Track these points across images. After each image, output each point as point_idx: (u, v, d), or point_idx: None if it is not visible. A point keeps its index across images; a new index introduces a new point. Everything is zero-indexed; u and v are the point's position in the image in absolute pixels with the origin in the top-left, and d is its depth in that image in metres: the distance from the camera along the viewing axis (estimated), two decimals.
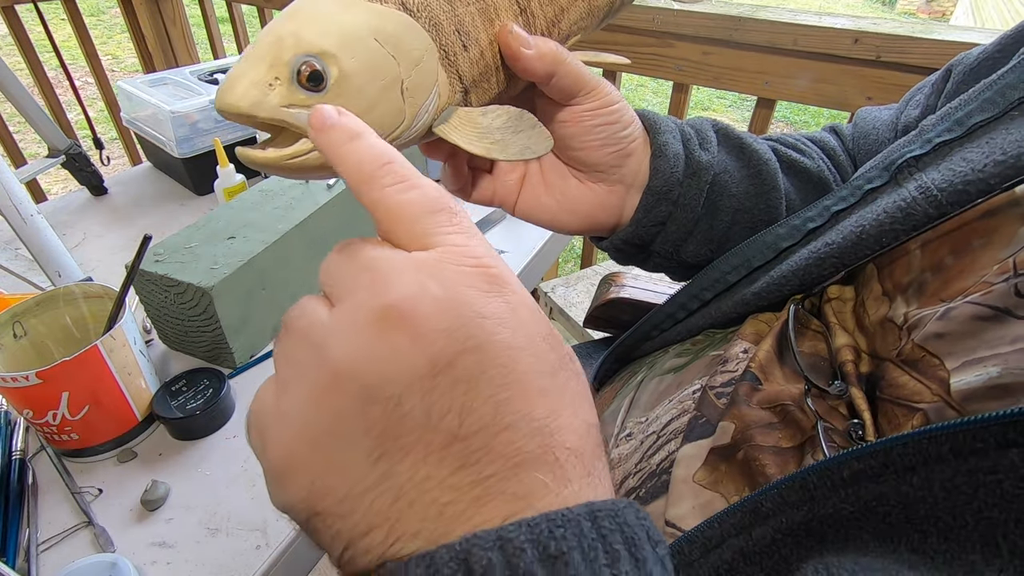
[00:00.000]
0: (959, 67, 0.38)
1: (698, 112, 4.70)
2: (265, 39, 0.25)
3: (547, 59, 0.31)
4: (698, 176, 0.38)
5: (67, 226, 0.86)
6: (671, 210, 0.38)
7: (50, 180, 2.85)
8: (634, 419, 0.36)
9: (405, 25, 0.26)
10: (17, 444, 0.53)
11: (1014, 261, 0.23)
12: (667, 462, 0.30)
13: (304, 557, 0.49)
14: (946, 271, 0.26)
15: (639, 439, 0.34)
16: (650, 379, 0.39)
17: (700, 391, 0.32)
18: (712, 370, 0.33)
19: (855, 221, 0.31)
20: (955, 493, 0.18)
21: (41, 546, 0.46)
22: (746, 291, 0.35)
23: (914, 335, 0.26)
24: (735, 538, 0.23)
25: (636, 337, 0.43)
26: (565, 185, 0.37)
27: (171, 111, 0.84)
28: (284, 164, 0.25)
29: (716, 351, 0.35)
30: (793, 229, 0.34)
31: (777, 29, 0.86)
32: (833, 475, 0.21)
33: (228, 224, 0.64)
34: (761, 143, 0.41)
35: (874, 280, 0.30)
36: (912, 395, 0.25)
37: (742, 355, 0.32)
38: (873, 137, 0.44)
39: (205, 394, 0.54)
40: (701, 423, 0.30)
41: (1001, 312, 0.22)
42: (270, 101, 0.24)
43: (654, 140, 0.37)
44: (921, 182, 0.29)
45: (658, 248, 0.40)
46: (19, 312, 0.52)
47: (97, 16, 5.24)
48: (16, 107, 0.92)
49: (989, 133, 0.28)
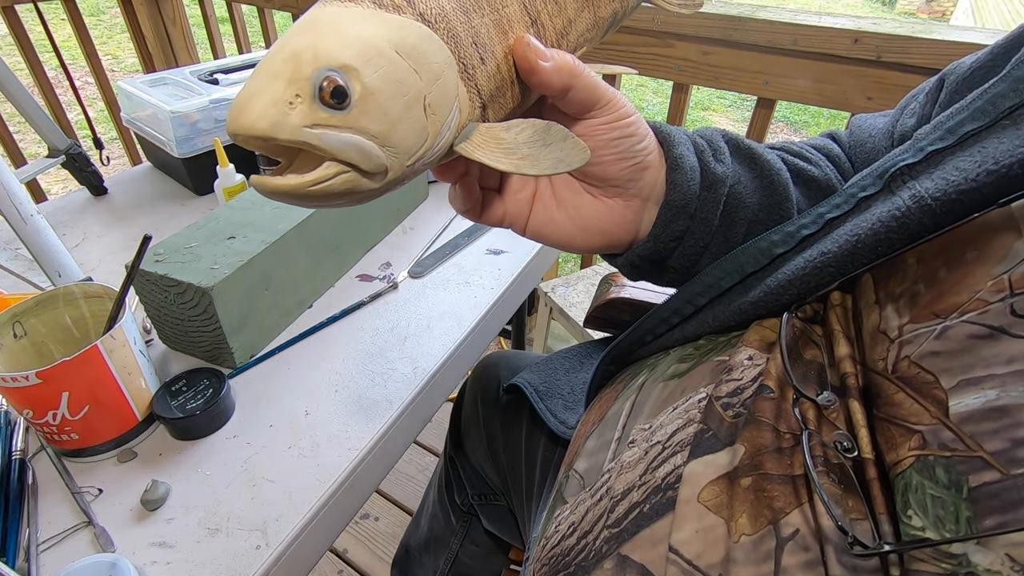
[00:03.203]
0: (952, 76, 0.38)
1: (698, 112, 4.70)
2: (279, 55, 0.22)
3: (564, 72, 0.30)
4: (714, 189, 0.37)
5: (67, 226, 0.86)
6: (689, 224, 0.37)
7: (50, 180, 2.85)
8: (637, 425, 0.35)
9: (425, 37, 0.24)
10: (17, 444, 0.53)
11: (1010, 279, 0.23)
12: (673, 476, 0.30)
13: (304, 557, 0.49)
14: (939, 283, 0.26)
15: (643, 448, 0.33)
16: (652, 383, 0.38)
17: (706, 401, 0.31)
18: (717, 378, 0.32)
19: (850, 230, 0.31)
20: None
21: (41, 546, 0.46)
22: (743, 300, 0.35)
23: (907, 351, 0.26)
24: None
25: (631, 341, 0.43)
26: (579, 202, 0.36)
27: (171, 111, 0.84)
28: (307, 192, 0.23)
29: (720, 356, 0.35)
30: (787, 236, 0.34)
31: (777, 29, 0.86)
32: None
33: (228, 224, 0.64)
34: (771, 153, 0.40)
35: (870, 290, 0.30)
36: (909, 416, 0.25)
37: (747, 362, 0.32)
38: (870, 146, 0.44)
39: (205, 394, 0.54)
40: (708, 437, 0.29)
41: (996, 331, 0.23)
42: (291, 121, 0.22)
43: (669, 153, 0.36)
44: (915, 191, 0.29)
45: (674, 263, 0.39)
46: (19, 312, 0.52)
47: (97, 16, 5.24)
48: (16, 107, 0.92)
49: (980, 142, 0.28)
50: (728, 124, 4.62)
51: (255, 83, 0.22)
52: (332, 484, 0.50)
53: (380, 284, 0.74)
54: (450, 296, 0.72)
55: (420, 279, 0.75)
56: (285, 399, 0.58)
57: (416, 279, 0.75)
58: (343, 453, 0.53)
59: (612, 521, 0.30)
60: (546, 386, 0.59)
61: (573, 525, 0.33)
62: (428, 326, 0.68)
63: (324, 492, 0.49)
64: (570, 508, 0.35)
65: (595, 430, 0.39)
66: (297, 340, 0.65)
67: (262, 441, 0.54)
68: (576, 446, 0.40)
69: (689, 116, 2.91)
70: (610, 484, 0.33)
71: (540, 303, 1.42)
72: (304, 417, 0.56)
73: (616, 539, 0.29)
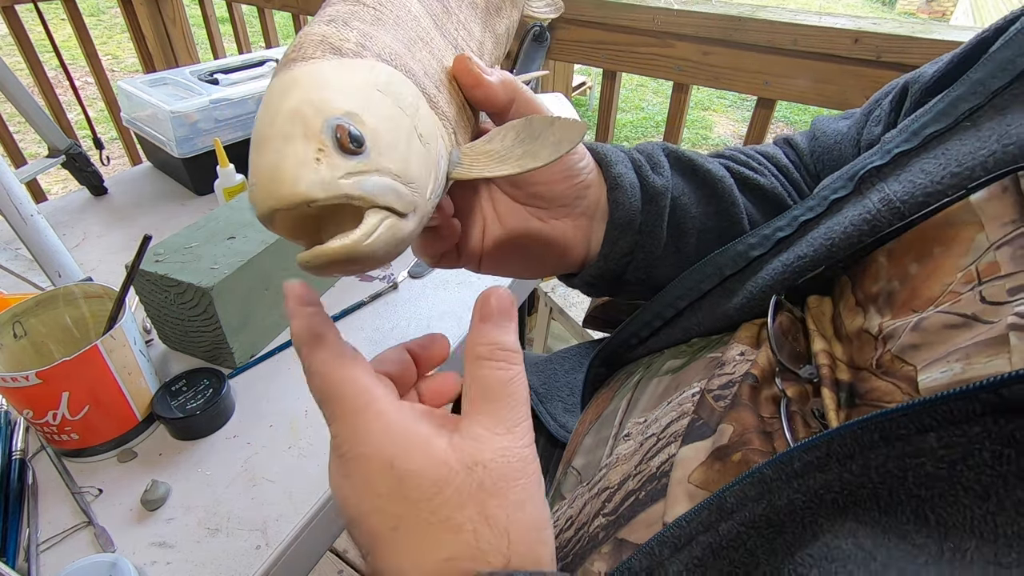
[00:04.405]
0: (916, 85, 0.39)
1: (698, 112, 4.70)
2: (278, 119, 0.22)
3: (508, 84, 0.31)
4: (656, 202, 0.38)
5: (67, 226, 0.86)
6: (637, 239, 0.38)
7: (50, 180, 2.85)
8: (633, 419, 0.36)
9: (393, 75, 0.25)
10: (17, 444, 0.53)
11: (976, 269, 0.25)
12: (667, 465, 0.31)
13: (304, 557, 0.49)
14: (912, 279, 0.28)
15: (638, 440, 0.34)
16: (648, 379, 0.39)
17: (699, 394, 0.32)
18: (710, 373, 0.33)
19: (824, 233, 0.32)
20: (888, 476, 0.20)
21: (41, 546, 0.46)
22: (728, 305, 0.36)
23: (890, 345, 0.27)
24: (703, 535, 0.24)
25: (617, 343, 0.43)
26: (527, 228, 0.36)
27: (171, 111, 0.84)
28: (362, 248, 0.21)
29: (713, 352, 0.36)
30: (763, 238, 0.36)
31: (777, 29, 0.86)
32: (786, 468, 0.23)
33: (228, 224, 0.64)
34: (713, 162, 0.41)
35: (848, 291, 0.31)
36: (884, 395, 0.26)
37: (739, 358, 0.33)
38: (836, 153, 0.45)
39: (205, 394, 0.54)
40: (699, 426, 0.30)
41: (969, 319, 0.24)
42: (325, 176, 0.21)
43: (607, 172, 0.37)
44: (884, 193, 0.30)
45: (630, 277, 0.40)
46: (19, 312, 0.52)
47: (97, 16, 5.25)
48: (16, 107, 0.92)
49: (944, 144, 0.30)
50: (728, 124, 4.62)
51: (270, 154, 0.21)
52: None
53: (380, 284, 0.74)
54: (450, 296, 0.72)
55: (420, 279, 0.75)
56: (285, 399, 0.58)
57: (416, 279, 0.75)
58: None
59: (609, 510, 0.31)
60: (546, 388, 0.59)
61: (571, 519, 0.34)
62: (428, 326, 0.68)
63: (324, 492, 0.49)
64: (567, 503, 0.35)
65: (592, 428, 0.40)
66: None
67: (262, 441, 0.54)
68: (574, 444, 0.41)
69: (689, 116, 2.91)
70: (607, 477, 0.33)
71: (540, 303, 1.43)
72: (304, 417, 0.56)
73: (613, 525, 0.30)
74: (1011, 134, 0.27)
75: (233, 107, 0.91)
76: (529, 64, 1.04)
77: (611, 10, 0.98)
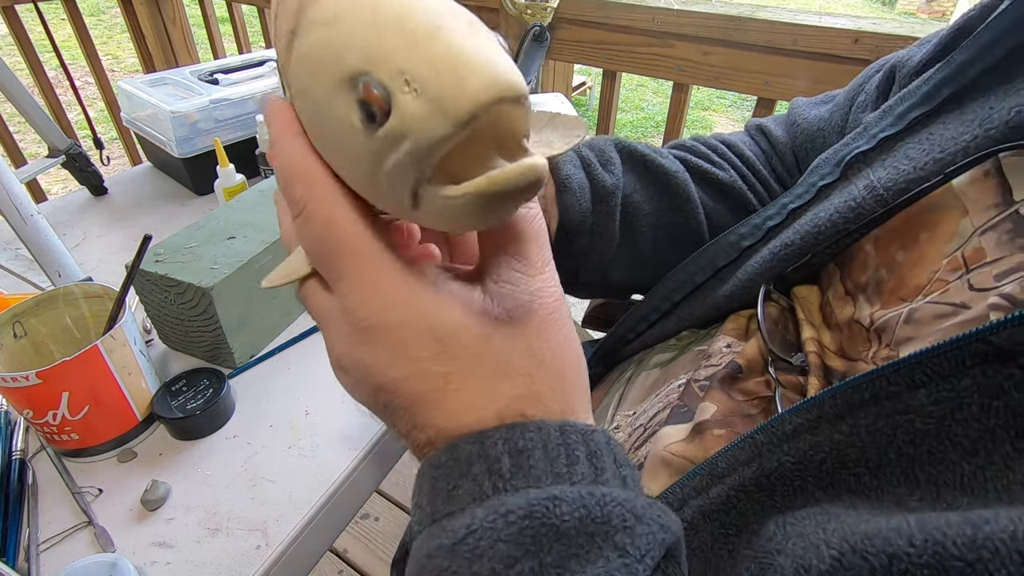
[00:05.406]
0: (903, 70, 0.38)
1: (698, 112, 4.70)
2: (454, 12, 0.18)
3: None
4: (607, 201, 0.37)
5: (67, 226, 0.86)
6: (589, 240, 0.38)
7: (50, 180, 2.85)
8: (622, 412, 0.37)
9: None
10: (17, 444, 0.53)
11: (963, 255, 0.25)
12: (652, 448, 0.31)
13: (304, 557, 0.49)
14: (899, 267, 0.28)
15: (627, 432, 0.34)
16: (638, 374, 0.39)
17: (684, 384, 0.33)
18: (697, 364, 0.34)
19: (811, 220, 0.32)
20: (878, 435, 0.20)
21: (41, 546, 0.46)
22: (717, 294, 0.36)
23: (886, 341, 0.27)
24: (695, 499, 0.25)
25: (614, 340, 0.43)
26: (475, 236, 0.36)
27: (171, 111, 0.84)
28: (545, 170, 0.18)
29: (701, 346, 0.36)
30: (754, 228, 0.36)
31: (777, 29, 0.86)
32: (777, 431, 0.23)
33: (228, 224, 0.64)
34: (668, 156, 0.41)
35: (836, 280, 0.31)
36: None
37: (725, 350, 0.33)
38: (820, 141, 0.44)
39: (205, 394, 0.54)
40: (683, 412, 0.31)
41: (959, 307, 0.24)
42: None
43: (556, 174, 0.36)
44: (869, 180, 0.30)
45: (585, 278, 0.40)
46: (19, 312, 0.52)
47: (97, 16, 5.24)
48: (16, 107, 0.92)
49: (928, 127, 0.30)
50: (728, 124, 4.62)
51: (473, 42, 0.17)
52: (332, 484, 0.50)
53: None
54: None
55: None
56: (285, 399, 0.58)
57: None
58: (343, 453, 0.53)
59: None
60: None
61: None
62: None
63: (324, 492, 0.49)
64: None
65: None
66: (297, 340, 0.65)
67: (262, 441, 0.54)
68: None
69: (689, 116, 2.91)
70: None
71: None
72: (304, 417, 0.56)
73: None
74: (993, 118, 0.26)
75: (233, 107, 0.91)
76: (529, 64, 1.04)
77: (611, 10, 0.98)
